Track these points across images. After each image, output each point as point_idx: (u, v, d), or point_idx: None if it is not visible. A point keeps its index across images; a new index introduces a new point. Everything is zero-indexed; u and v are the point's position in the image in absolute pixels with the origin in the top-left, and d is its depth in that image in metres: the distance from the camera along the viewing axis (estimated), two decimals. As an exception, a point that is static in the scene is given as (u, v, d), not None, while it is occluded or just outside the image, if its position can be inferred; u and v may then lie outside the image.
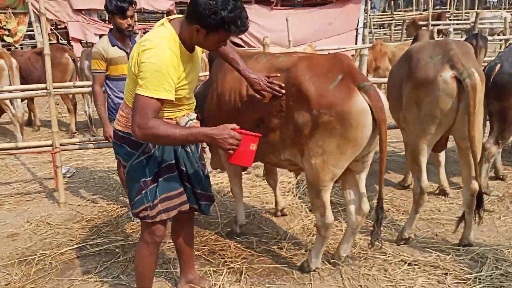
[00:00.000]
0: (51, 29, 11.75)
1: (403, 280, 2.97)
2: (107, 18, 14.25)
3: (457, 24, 15.80)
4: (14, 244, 3.64)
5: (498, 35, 12.56)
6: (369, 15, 16.41)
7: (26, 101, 7.54)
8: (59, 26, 12.97)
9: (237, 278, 3.03)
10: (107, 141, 3.92)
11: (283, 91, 2.68)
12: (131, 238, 3.65)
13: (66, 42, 12.11)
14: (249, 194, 4.48)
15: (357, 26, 12.49)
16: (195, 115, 2.43)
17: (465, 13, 19.73)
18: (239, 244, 3.48)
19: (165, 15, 13.45)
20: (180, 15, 2.30)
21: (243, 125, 2.88)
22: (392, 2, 22.70)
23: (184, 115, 2.37)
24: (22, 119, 6.68)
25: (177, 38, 2.17)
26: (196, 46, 2.31)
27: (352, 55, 8.91)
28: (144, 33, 12.71)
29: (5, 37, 11.00)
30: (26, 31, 11.98)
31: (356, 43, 12.13)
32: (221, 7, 2.00)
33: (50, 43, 12.84)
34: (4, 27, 10.99)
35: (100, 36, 11.02)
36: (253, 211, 4.09)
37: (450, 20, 17.79)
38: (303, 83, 2.63)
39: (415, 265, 3.11)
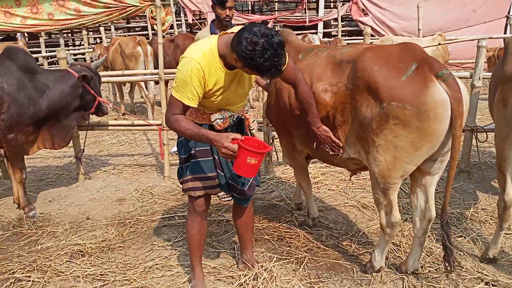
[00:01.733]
0: (192, 19, 12.83)
1: (474, 299, 2.67)
2: (244, 9, 14.97)
3: None
4: (120, 208, 4.21)
5: None
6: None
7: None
8: (202, 17, 14.12)
9: (295, 268, 3.06)
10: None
11: (338, 151, 2.80)
12: (213, 215, 3.92)
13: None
14: (335, 188, 4.41)
15: (508, 13, 11.00)
16: (227, 114, 2.54)
17: None
18: (309, 235, 3.49)
19: (297, 4, 13.63)
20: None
21: (302, 125, 2.91)
22: None
23: (218, 113, 2.53)
24: (153, 99, 7.53)
25: (217, 53, 2.32)
26: None
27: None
28: (275, 22, 13.11)
29: (154, 26, 12.37)
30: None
31: (505, 33, 10.74)
32: (257, 55, 2.09)
33: (193, 31, 13.97)
34: (154, 17, 12.36)
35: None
36: (334, 205, 4.03)
37: None
38: (371, 75, 2.49)
39: (493, 285, 2.76)
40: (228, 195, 2.78)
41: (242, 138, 2.30)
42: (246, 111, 2.73)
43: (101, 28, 11.97)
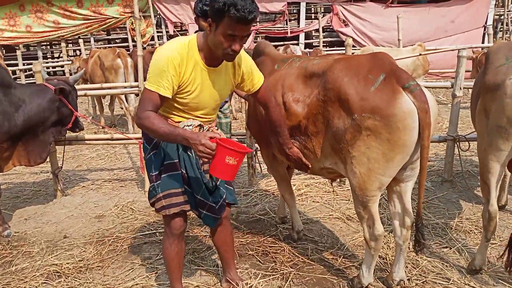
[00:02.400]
0: (174, 31, 12.77)
1: (462, 312, 2.63)
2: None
3: None
4: (98, 225, 4.07)
5: None
6: (507, 11, 14.68)
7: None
8: (183, 28, 14.06)
9: (280, 284, 2.98)
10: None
11: (306, 170, 2.87)
12: (196, 230, 3.82)
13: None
14: (320, 200, 4.36)
15: (486, 23, 11.24)
16: (196, 122, 2.44)
17: None
18: (294, 249, 3.42)
19: (277, 16, 13.70)
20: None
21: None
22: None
23: (186, 120, 2.43)
24: (134, 112, 7.41)
25: (196, 47, 2.29)
26: (227, 69, 2.41)
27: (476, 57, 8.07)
28: (257, 33, 13.14)
29: (135, 38, 12.26)
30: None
31: (483, 42, 10.95)
32: None
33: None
34: (135, 28, 12.25)
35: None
36: (319, 218, 3.97)
37: None
38: (342, 87, 2.49)
39: (481, 298, 2.73)
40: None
41: (220, 137, 2.21)
42: (216, 128, 2.66)
43: (80, 40, 11.81)
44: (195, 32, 4.10)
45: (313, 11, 16.79)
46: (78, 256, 3.47)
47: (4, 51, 13.06)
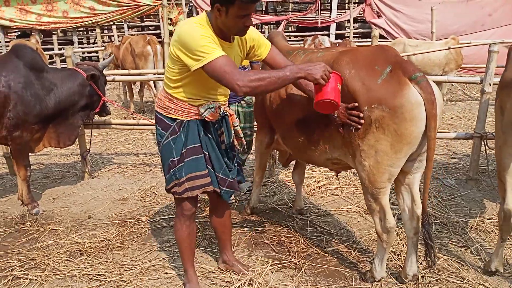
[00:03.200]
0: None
1: (474, 312, 2.60)
2: (257, 9, 14.85)
3: None
4: (122, 207, 4.21)
5: None
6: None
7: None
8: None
9: (293, 274, 3.02)
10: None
11: (362, 122, 2.44)
12: (214, 217, 3.89)
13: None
14: (339, 193, 4.35)
15: (526, 17, 10.79)
16: (216, 104, 2.49)
17: None
18: (309, 240, 3.44)
19: (309, 5, 13.54)
20: None
21: (289, 125, 2.96)
22: None
23: (205, 103, 2.48)
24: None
25: (207, 23, 2.32)
26: (237, 43, 2.45)
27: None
28: (287, 23, 13.05)
29: (167, 26, 12.42)
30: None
31: (521, 37, 10.51)
32: None
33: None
34: (168, 16, 12.39)
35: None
36: (337, 211, 3.97)
37: None
38: (348, 79, 2.48)
39: (495, 299, 2.69)
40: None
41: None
42: (229, 107, 2.71)
43: (114, 27, 12.05)
44: None
45: (346, 1, 16.52)
46: (100, 236, 3.60)
47: (42, 36, 13.47)
